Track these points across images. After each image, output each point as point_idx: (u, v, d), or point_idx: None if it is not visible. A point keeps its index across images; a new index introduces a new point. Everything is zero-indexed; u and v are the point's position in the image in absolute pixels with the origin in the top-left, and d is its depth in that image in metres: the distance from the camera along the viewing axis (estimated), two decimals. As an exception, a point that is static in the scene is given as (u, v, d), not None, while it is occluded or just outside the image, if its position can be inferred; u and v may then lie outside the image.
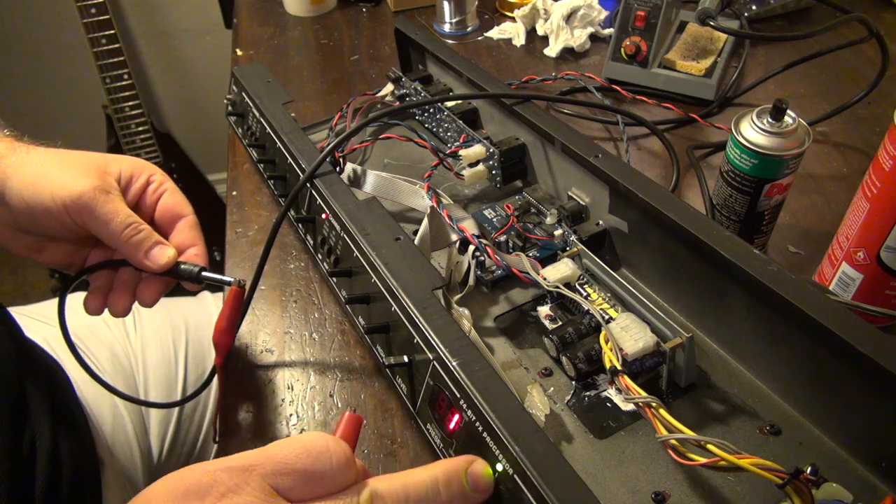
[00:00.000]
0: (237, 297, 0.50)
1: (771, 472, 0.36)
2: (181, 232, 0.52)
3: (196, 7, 1.67)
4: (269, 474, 0.32)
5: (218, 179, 1.72)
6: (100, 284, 0.52)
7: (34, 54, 1.67)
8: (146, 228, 0.48)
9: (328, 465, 0.33)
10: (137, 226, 0.48)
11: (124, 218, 0.47)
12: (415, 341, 0.44)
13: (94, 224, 0.47)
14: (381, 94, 0.77)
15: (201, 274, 0.50)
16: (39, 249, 0.51)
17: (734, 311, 0.48)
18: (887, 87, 0.80)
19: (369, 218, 0.52)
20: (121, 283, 0.51)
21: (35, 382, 0.53)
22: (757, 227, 0.58)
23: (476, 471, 0.37)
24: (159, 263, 0.48)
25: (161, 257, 0.48)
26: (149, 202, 0.52)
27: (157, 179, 0.52)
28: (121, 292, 0.51)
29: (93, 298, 0.51)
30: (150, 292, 0.51)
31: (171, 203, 0.52)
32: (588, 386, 0.49)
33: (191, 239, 0.51)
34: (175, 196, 0.52)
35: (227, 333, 0.50)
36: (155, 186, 0.52)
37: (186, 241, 0.51)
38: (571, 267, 0.52)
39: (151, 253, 0.48)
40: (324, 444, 0.33)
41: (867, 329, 0.39)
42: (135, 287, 0.51)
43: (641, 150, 0.76)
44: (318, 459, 0.33)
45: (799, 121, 0.53)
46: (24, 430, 0.50)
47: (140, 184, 0.51)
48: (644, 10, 0.80)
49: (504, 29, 1.00)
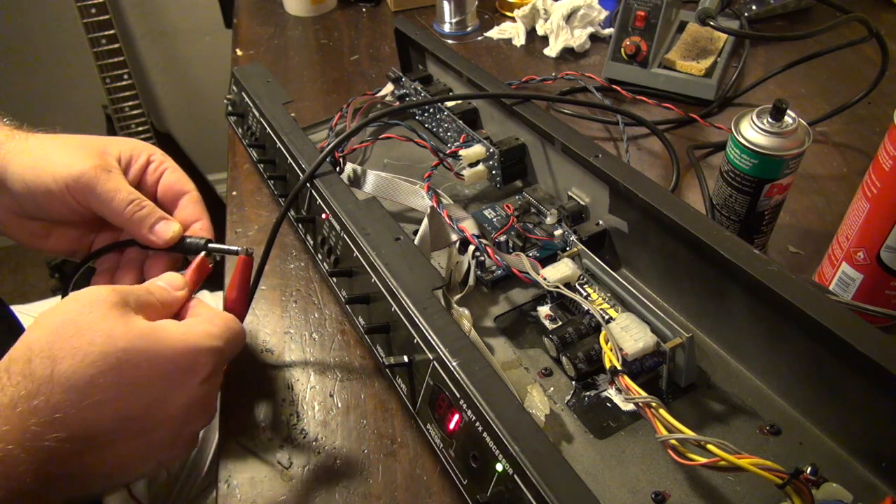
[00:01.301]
0: (246, 266, 0.49)
1: (771, 472, 0.36)
2: (185, 208, 0.51)
3: (196, 7, 1.67)
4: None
5: (218, 179, 1.72)
6: (107, 267, 0.52)
7: (34, 54, 1.67)
8: (149, 204, 0.48)
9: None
10: (140, 202, 0.48)
11: (126, 195, 0.47)
12: (415, 341, 0.44)
13: (97, 202, 0.47)
14: (381, 94, 0.77)
15: (208, 245, 0.49)
16: (45, 236, 0.51)
17: (734, 311, 0.48)
18: (887, 87, 0.80)
19: (369, 218, 0.52)
20: (127, 260, 0.51)
21: None
22: (757, 227, 0.58)
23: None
24: (165, 238, 0.48)
25: (166, 232, 0.48)
26: (150, 181, 0.52)
27: (157, 159, 0.52)
28: (127, 269, 0.51)
29: (101, 280, 0.51)
30: (157, 269, 0.51)
31: (172, 180, 0.52)
32: (588, 386, 0.49)
33: (195, 214, 0.51)
34: (176, 173, 0.52)
35: (239, 302, 0.49)
36: (155, 165, 0.52)
37: (191, 217, 0.51)
38: (571, 267, 0.52)
39: (156, 228, 0.48)
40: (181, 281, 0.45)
41: (867, 329, 0.39)
42: (142, 265, 0.51)
43: (641, 150, 0.76)
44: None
45: (799, 121, 0.53)
46: None
47: (140, 163, 0.51)
48: (644, 10, 0.80)
49: (504, 29, 1.00)
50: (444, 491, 0.45)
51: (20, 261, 1.96)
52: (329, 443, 0.49)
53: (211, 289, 0.87)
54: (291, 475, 0.47)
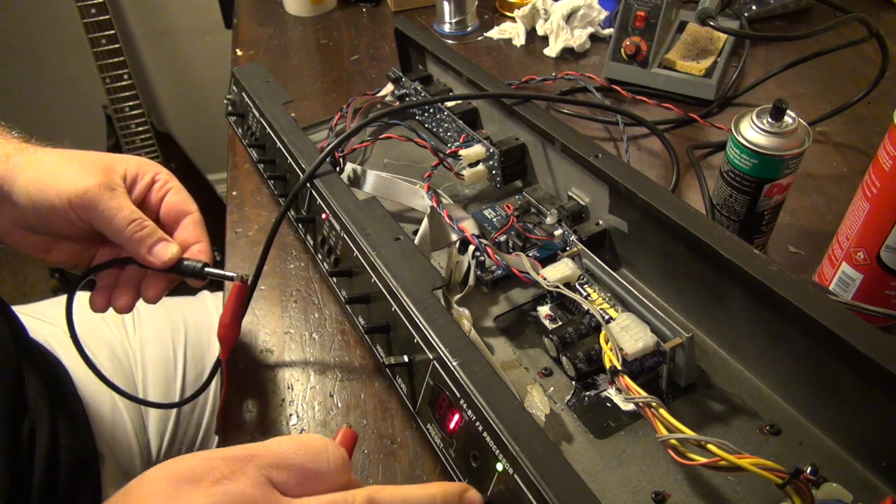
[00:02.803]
0: (240, 293, 0.50)
1: (771, 472, 0.36)
2: (185, 229, 0.52)
3: (196, 7, 1.67)
4: (265, 466, 0.32)
5: (218, 179, 1.72)
6: (106, 283, 0.52)
7: (34, 54, 1.67)
8: (150, 225, 0.49)
9: (325, 464, 0.34)
10: (141, 222, 0.48)
11: (128, 214, 0.48)
12: (415, 341, 0.44)
13: (99, 220, 0.47)
14: (381, 94, 0.77)
15: (204, 270, 0.50)
16: (47, 249, 0.52)
17: (734, 311, 0.48)
18: (887, 87, 0.80)
19: (369, 218, 0.52)
20: (125, 279, 0.52)
21: (35, 375, 0.54)
22: (757, 227, 0.58)
23: (471, 499, 0.37)
24: (162, 259, 0.49)
25: (164, 254, 0.49)
26: (154, 200, 0.52)
27: (162, 178, 0.53)
28: (125, 288, 0.51)
29: (98, 296, 0.52)
30: (153, 289, 0.51)
31: (175, 201, 0.52)
32: (588, 386, 0.49)
33: (195, 236, 0.52)
34: (180, 194, 0.53)
35: (232, 328, 0.50)
36: (160, 185, 0.52)
37: (191, 238, 0.52)
38: (571, 267, 0.52)
39: (155, 249, 0.49)
40: (322, 444, 0.34)
41: (867, 329, 0.39)
42: (139, 283, 0.52)
43: (641, 150, 0.76)
44: (316, 457, 0.33)
45: (799, 121, 0.53)
46: (23, 420, 0.50)
47: (145, 182, 0.52)
48: (644, 10, 0.80)
49: (504, 29, 1.00)
50: (444, 491, 0.45)
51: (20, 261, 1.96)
52: (329, 443, 0.49)
53: (211, 289, 0.87)
54: (291, 475, 0.47)
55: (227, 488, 0.31)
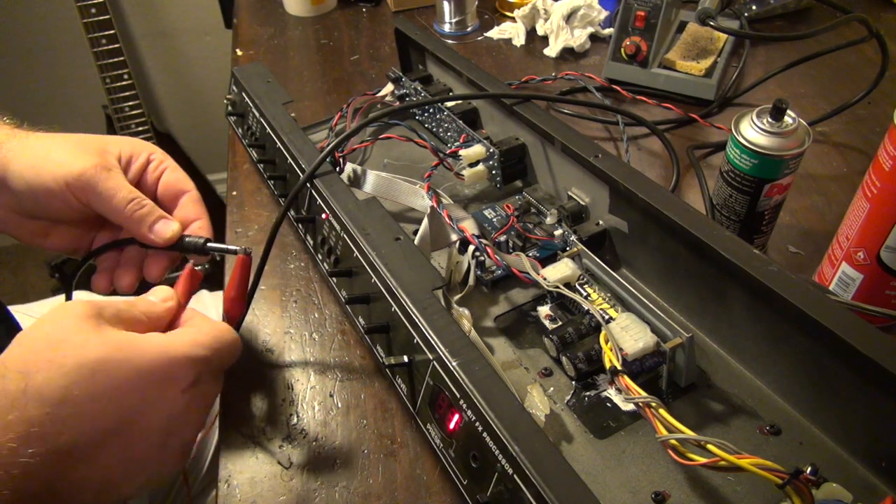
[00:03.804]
0: (245, 266, 0.49)
1: (771, 472, 0.36)
2: (185, 206, 0.52)
3: (196, 7, 1.67)
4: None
5: (218, 179, 1.72)
6: (107, 265, 0.52)
7: (34, 54, 1.67)
8: (149, 203, 0.49)
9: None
10: (140, 201, 0.48)
11: (127, 193, 0.48)
12: (415, 341, 0.44)
13: (97, 201, 0.47)
14: (381, 94, 0.77)
15: (207, 245, 0.50)
16: (45, 234, 0.51)
17: (734, 311, 0.48)
18: (887, 87, 0.80)
19: (369, 218, 0.52)
20: (126, 259, 0.52)
21: None
22: (757, 227, 0.58)
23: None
24: (164, 237, 0.48)
25: (165, 231, 0.48)
26: (150, 180, 0.52)
27: (157, 158, 0.52)
28: (127, 268, 0.51)
29: (100, 278, 0.51)
30: (156, 267, 0.51)
31: (172, 180, 0.52)
32: (588, 386, 0.49)
33: (195, 213, 0.52)
34: (176, 172, 0.52)
35: (238, 302, 0.50)
36: (155, 164, 0.52)
37: (191, 216, 0.51)
38: (571, 267, 0.52)
39: (155, 227, 0.48)
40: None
41: (867, 329, 0.39)
42: (141, 263, 0.52)
43: (641, 150, 0.76)
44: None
45: (799, 121, 0.53)
46: None
47: (140, 162, 0.51)
48: (644, 10, 0.80)
49: (504, 29, 1.00)
50: (444, 491, 0.45)
51: (20, 261, 1.96)
52: (329, 443, 0.49)
53: (210, 288, 0.87)
54: (291, 475, 0.47)
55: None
